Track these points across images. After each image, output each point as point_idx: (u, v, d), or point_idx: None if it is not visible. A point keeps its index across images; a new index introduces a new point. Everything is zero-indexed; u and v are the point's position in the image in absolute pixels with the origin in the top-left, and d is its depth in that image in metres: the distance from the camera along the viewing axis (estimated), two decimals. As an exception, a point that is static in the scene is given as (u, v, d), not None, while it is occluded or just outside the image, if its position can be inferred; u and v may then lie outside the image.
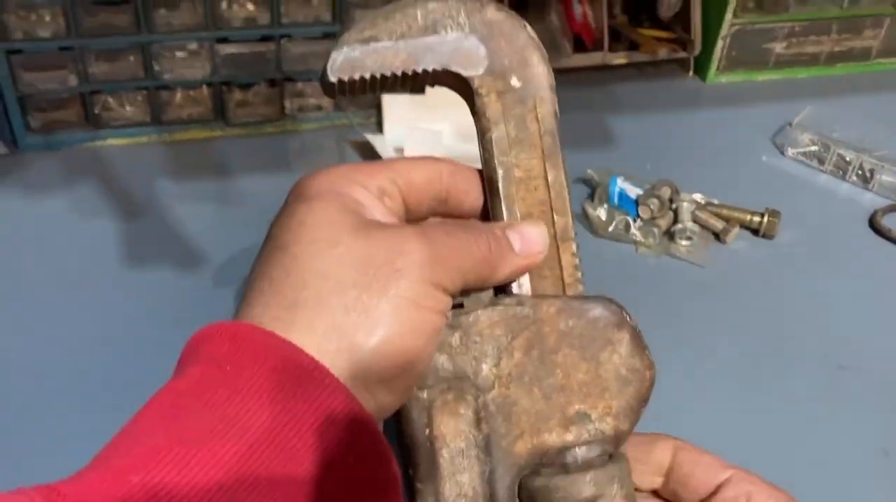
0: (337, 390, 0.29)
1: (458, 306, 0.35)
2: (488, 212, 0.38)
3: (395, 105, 0.92)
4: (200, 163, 0.93)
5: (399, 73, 0.35)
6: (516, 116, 0.37)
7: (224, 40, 0.91)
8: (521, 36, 0.37)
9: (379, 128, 0.97)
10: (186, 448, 0.26)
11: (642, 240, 0.85)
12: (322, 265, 0.30)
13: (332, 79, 0.35)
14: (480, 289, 0.35)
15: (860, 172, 0.97)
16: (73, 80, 0.90)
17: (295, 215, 0.32)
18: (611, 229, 0.85)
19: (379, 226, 0.32)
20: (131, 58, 0.90)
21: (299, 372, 0.29)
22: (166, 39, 0.90)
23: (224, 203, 0.88)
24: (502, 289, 0.36)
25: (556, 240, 0.37)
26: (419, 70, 0.35)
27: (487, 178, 0.37)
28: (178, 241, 0.82)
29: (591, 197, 0.89)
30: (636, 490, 0.39)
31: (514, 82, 0.37)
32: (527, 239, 0.35)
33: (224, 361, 0.29)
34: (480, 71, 0.36)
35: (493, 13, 0.36)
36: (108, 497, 0.25)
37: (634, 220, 0.86)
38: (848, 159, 0.98)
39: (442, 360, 0.34)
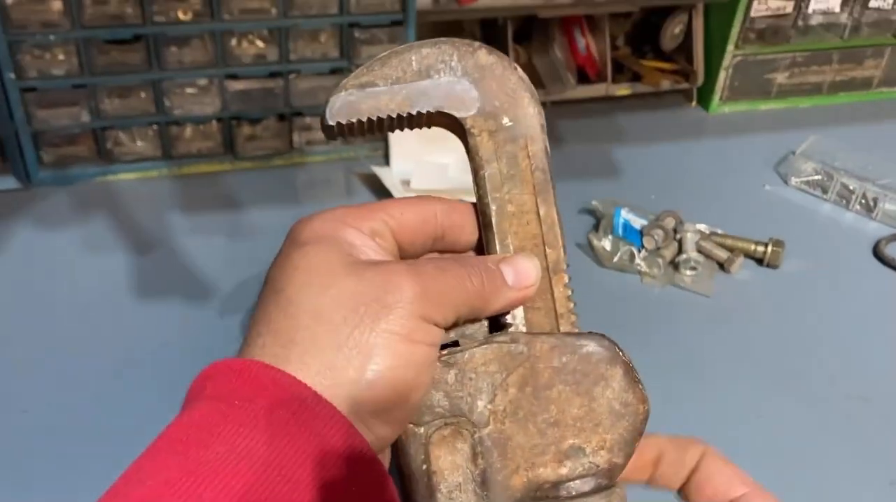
0: (337, 422, 0.30)
1: (453, 344, 0.36)
2: (483, 246, 0.39)
3: (402, 138, 0.93)
4: (210, 196, 0.94)
5: (395, 115, 0.37)
6: (508, 154, 0.38)
7: (234, 76, 0.93)
8: (512, 78, 0.38)
9: (386, 160, 0.99)
10: (197, 479, 0.27)
11: (647, 270, 0.85)
12: (315, 306, 0.31)
13: (331, 122, 0.36)
14: (474, 320, 0.36)
15: (864, 201, 0.98)
16: (85, 117, 0.91)
17: (290, 260, 0.33)
18: (615, 260, 0.86)
19: (369, 265, 0.33)
20: (142, 94, 0.92)
21: (301, 405, 0.30)
22: (177, 76, 0.91)
23: (233, 234, 0.89)
24: (497, 321, 0.37)
25: (548, 273, 0.38)
26: (414, 112, 0.37)
27: (481, 213, 0.38)
28: (188, 273, 0.83)
29: (596, 228, 0.90)
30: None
31: (506, 122, 0.38)
32: (520, 272, 0.36)
33: (231, 396, 0.30)
34: (472, 112, 0.38)
35: (485, 57, 0.37)
36: None
37: (639, 251, 0.86)
38: (851, 188, 0.98)
39: (438, 397, 0.35)
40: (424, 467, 0.34)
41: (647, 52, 1.18)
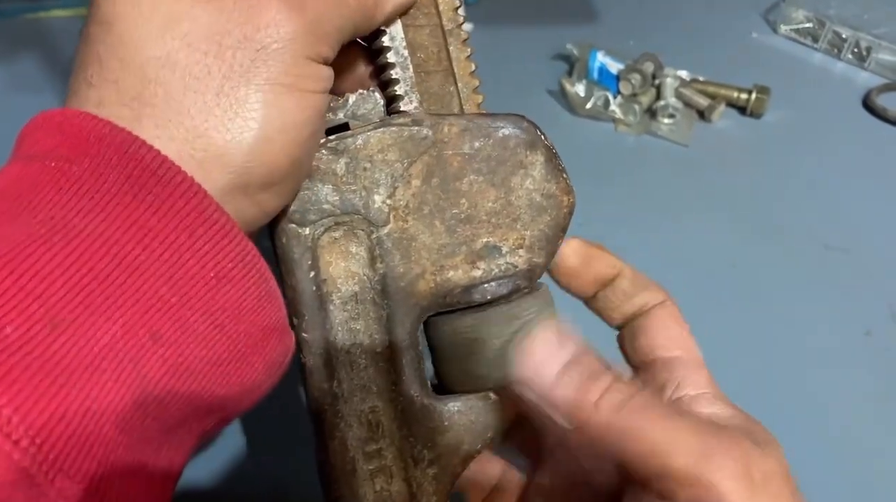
0: (189, 191, 0.24)
1: (342, 127, 0.30)
2: None
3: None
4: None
5: None
6: None
7: None
8: None
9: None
10: None
11: (622, 117, 0.80)
12: (162, 50, 0.24)
13: None
14: (356, 38, 0.29)
15: (856, 50, 0.91)
16: (7, -58, 0.83)
17: None
18: (589, 106, 0.80)
19: None
20: (70, -83, 0.83)
21: (137, 166, 0.23)
22: None
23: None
24: (370, 47, 0.31)
25: None
26: None
27: None
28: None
29: (570, 73, 0.84)
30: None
31: None
32: None
33: (49, 156, 0.23)
34: None
35: None
36: None
37: (615, 97, 0.80)
38: (844, 37, 0.92)
39: (326, 192, 0.29)
40: (312, 275, 0.29)
41: None
